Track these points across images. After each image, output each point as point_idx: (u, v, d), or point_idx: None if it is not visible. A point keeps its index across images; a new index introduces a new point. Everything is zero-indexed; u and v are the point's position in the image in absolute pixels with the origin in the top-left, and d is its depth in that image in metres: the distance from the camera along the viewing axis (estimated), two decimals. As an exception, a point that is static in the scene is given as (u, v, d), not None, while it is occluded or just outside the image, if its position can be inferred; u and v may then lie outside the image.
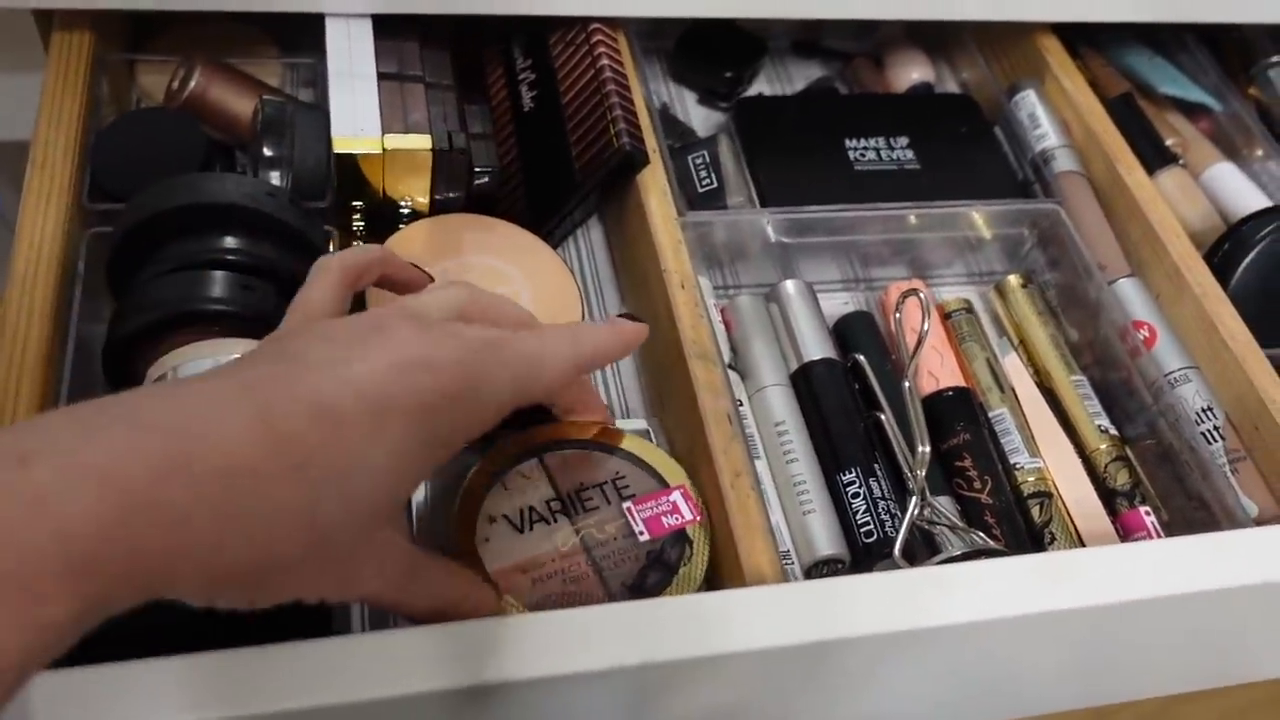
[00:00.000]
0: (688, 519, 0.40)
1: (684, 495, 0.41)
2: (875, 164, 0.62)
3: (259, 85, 0.58)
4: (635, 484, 0.40)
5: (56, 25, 0.56)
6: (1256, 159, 0.67)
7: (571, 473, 0.41)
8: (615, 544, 0.39)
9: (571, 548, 0.39)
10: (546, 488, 0.40)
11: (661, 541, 0.39)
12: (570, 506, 0.39)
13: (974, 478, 0.51)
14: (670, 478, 0.41)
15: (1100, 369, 0.56)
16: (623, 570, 0.38)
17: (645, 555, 0.39)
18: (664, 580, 0.39)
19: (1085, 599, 0.42)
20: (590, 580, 0.38)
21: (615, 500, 0.40)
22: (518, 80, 0.60)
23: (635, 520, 0.39)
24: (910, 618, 0.40)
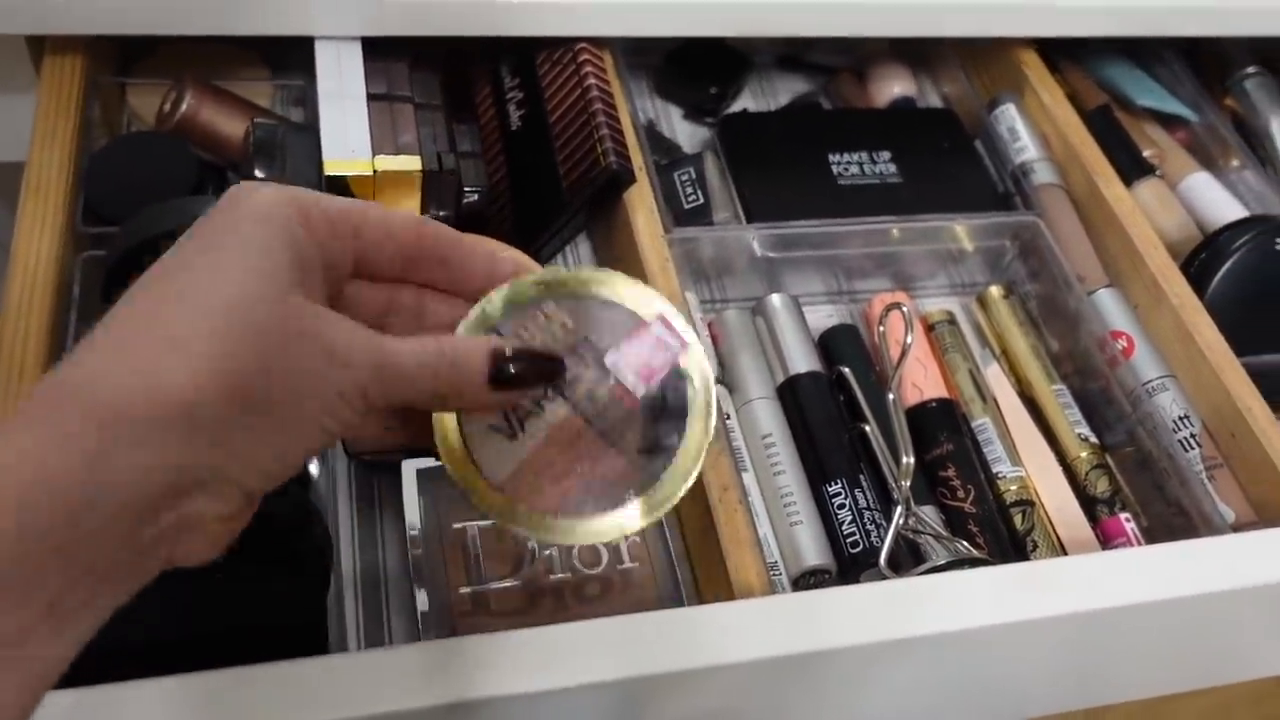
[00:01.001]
0: (676, 350, 0.34)
1: (665, 325, 0.34)
2: (858, 178, 0.62)
3: (250, 107, 0.58)
4: (610, 330, 0.34)
5: (48, 49, 0.56)
6: (1233, 169, 0.68)
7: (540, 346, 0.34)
8: (613, 409, 0.34)
9: (571, 431, 0.33)
10: None
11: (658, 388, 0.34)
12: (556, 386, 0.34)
13: (957, 487, 0.52)
14: (644, 309, 0.34)
15: (1080, 378, 0.57)
16: (632, 435, 0.33)
17: (648, 410, 0.33)
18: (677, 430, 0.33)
19: (1068, 606, 0.43)
20: (606, 461, 0.33)
21: (595, 359, 0.34)
22: (506, 100, 0.61)
23: (623, 375, 0.34)
24: (897, 627, 0.41)
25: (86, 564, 0.24)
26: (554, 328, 0.34)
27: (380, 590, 0.48)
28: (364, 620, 0.47)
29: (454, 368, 0.30)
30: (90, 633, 0.26)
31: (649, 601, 0.47)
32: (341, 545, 0.48)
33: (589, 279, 0.34)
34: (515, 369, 0.31)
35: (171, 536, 0.26)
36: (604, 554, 0.47)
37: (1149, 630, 0.47)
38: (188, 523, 0.27)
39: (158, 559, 0.27)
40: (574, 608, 0.46)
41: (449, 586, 0.46)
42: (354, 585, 0.47)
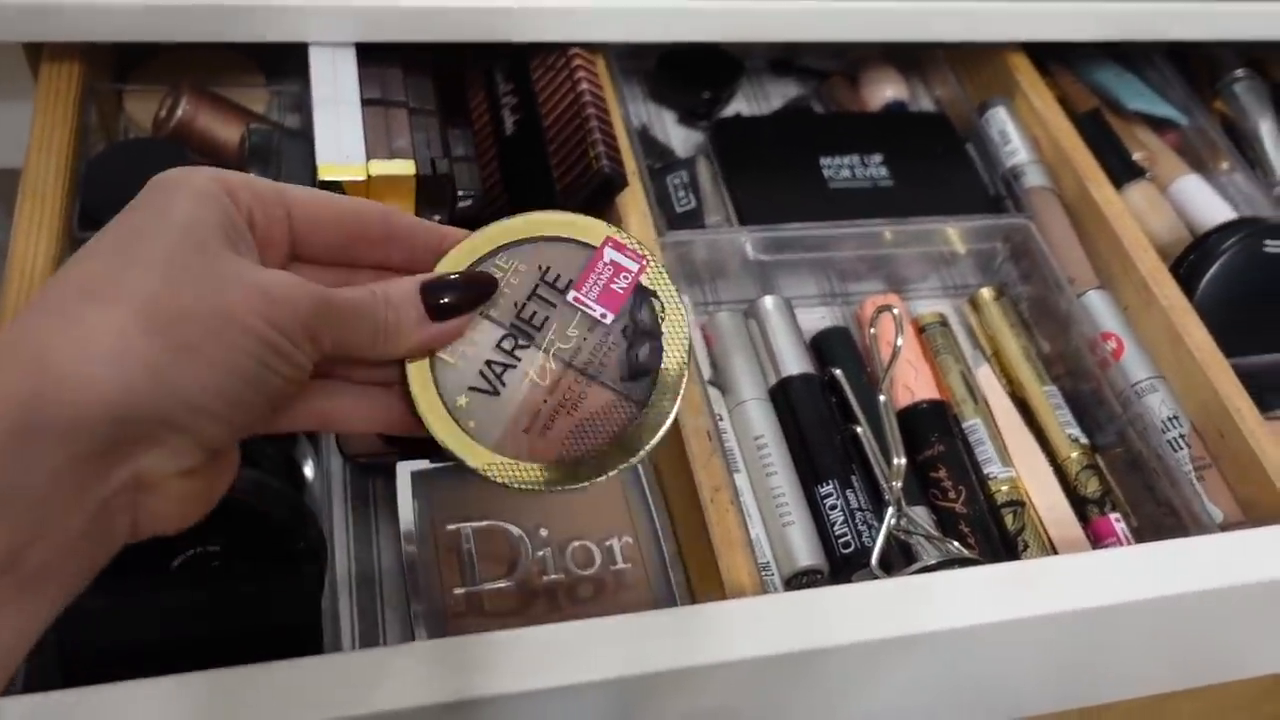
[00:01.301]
0: (635, 270, 0.34)
1: (615, 247, 0.34)
2: (850, 181, 0.63)
3: (245, 113, 0.59)
4: (564, 267, 0.34)
5: (45, 57, 0.57)
6: (1222, 171, 0.69)
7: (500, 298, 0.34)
8: (588, 343, 0.34)
9: (552, 376, 0.33)
10: (489, 329, 0.34)
11: (627, 310, 0.34)
12: (523, 334, 0.34)
13: (949, 488, 0.53)
14: (591, 237, 0.34)
15: (1071, 379, 0.58)
16: (612, 365, 0.33)
17: (621, 335, 0.34)
18: (655, 348, 0.34)
19: (1058, 605, 0.43)
20: (592, 396, 0.33)
21: (557, 298, 0.34)
22: (500, 104, 0.62)
23: (589, 306, 0.34)
24: (890, 626, 0.41)
25: (38, 522, 0.24)
26: (510, 278, 0.34)
27: (375, 591, 0.48)
28: (359, 621, 0.47)
29: (389, 305, 0.31)
30: (59, 605, 0.26)
31: (642, 602, 0.47)
32: (336, 546, 0.48)
33: (530, 222, 0.35)
34: (448, 296, 0.32)
35: (129, 498, 0.26)
36: (597, 555, 0.48)
37: (1140, 629, 0.48)
38: (144, 482, 0.26)
39: (122, 525, 0.27)
40: (567, 609, 0.46)
41: (443, 588, 0.46)
42: (349, 586, 0.48)
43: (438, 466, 0.48)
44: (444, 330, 0.32)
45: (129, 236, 0.27)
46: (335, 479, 0.51)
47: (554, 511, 0.48)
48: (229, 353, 0.27)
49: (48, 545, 0.25)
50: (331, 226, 0.32)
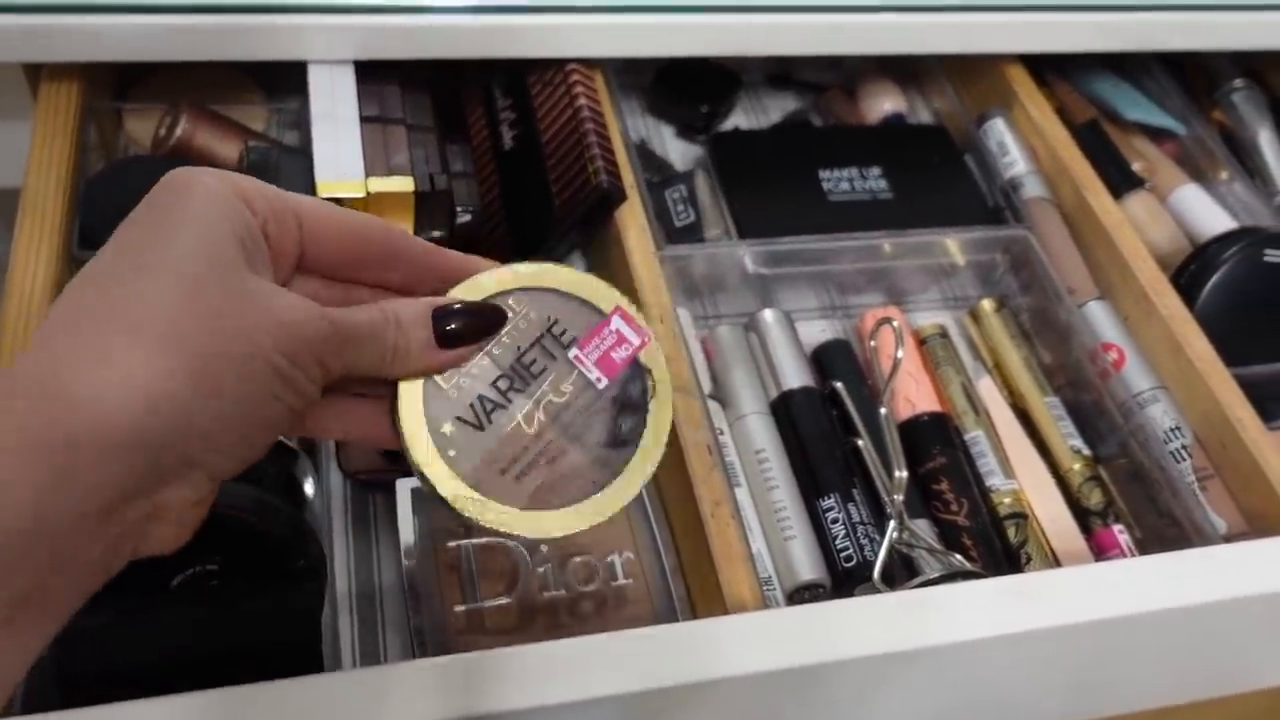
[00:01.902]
0: (636, 344, 0.35)
1: (623, 318, 0.35)
2: (849, 194, 0.63)
3: (244, 131, 0.59)
4: (572, 324, 0.35)
5: (45, 76, 0.57)
6: (1221, 181, 0.69)
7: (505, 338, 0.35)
8: (579, 403, 0.34)
9: (538, 425, 0.34)
10: (491, 368, 0.34)
11: (621, 381, 0.35)
12: (520, 378, 0.34)
13: (951, 500, 0.53)
14: (603, 303, 0.35)
15: (1072, 390, 0.58)
16: (596, 429, 0.34)
17: (610, 403, 0.34)
18: (639, 422, 0.34)
19: (1062, 618, 0.43)
20: (570, 454, 0.34)
21: (560, 352, 0.34)
22: (498, 120, 0.62)
23: (587, 368, 0.34)
24: (894, 640, 0.41)
25: (53, 563, 0.24)
26: (519, 321, 0.34)
27: (375, 608, 0.48)
28: (359, 639, 0.47)
29: (399, 328, 0.31)
30: (58, 626, 0.26)
31: (643, 618, 0.47)
32: (336, 564, 0.48)
33: (549, 274, 0.35)
34: (457, 323, 0.32)
35: (140, 528, 0.26)
36: (598, 571, 0.48)
37: (1145, 642, 0.47)
38: (156, 513, 0.27)
39: (126, 550, 0.27)
40: (568, 625, 0.46)
41: (444, 605, 0.46)
42: (349, 604, 0.48)
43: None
44: (448, 358, 0.32)
45: (147, 247, 0.27)
46: (335, 496, 0.51)
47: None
48: (247, 385, 0.27)
49: (62, 580, 0.25)
50: (337, 242, 0.31)
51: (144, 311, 0.25)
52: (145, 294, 0.26)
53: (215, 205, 0.28)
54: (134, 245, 0.27)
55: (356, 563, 0.49)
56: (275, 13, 0.56)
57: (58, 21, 0.54)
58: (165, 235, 0.27)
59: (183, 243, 0.27)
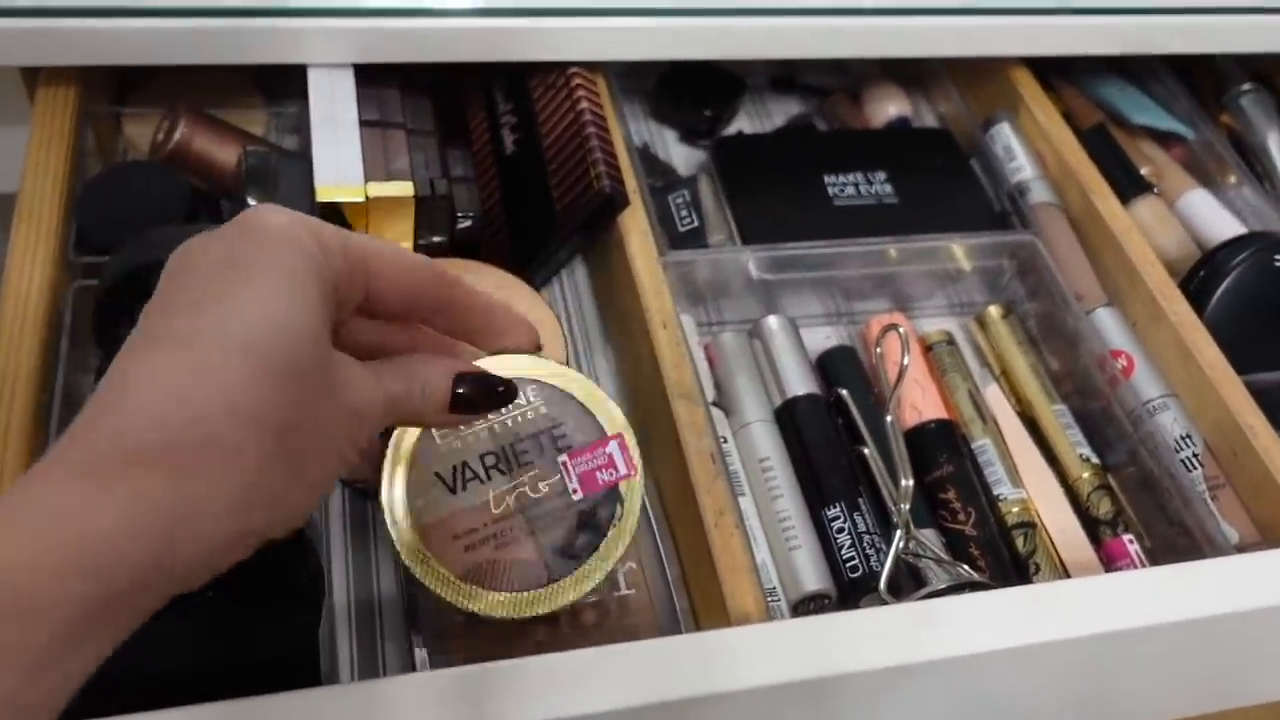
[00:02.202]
0: (622, 474, 0.37)
1: (620, 446, 0.37)
2: (854, 199, 0.62)
3: (243, 135, 0.58)
4: (573, 433, 0.37)
5: (42, 80, 0.56)
6: (1230, 186, 0.68)
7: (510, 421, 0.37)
8: (549, 504, 0.36)
9: (504, 510, 0.36)
10: (486, 441, 0.36)
11: (594, 500, 0.36)
12: (507, 461, 0.36)
13: (958, 510, 0.52)
14: (608, 424, 0.37)
15: (1080, 398, 0.57)
16: (554, 533, 0.36)
17: (576, 515, 0.36)
18: (592, 543, 0.36)
19: (1071, 630, 0.42)
20: (520, 545, 0.36)
21: (551, 453, 0.36)
22: (499, 124, 0.61)
23: (570, 476, 0.36)
24: (900, 653, 0.40)
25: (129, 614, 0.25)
26: (528, 411, 0.37)
27: (374, 620, 0.47)
28: (358, 651, 0.46)
29: (425, 394, 0.32)
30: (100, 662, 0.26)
31: (647, 629, 0.46)
32: (335, 575, 0.48)
33: (574, 382, 0.38)
34: (471, 391, 0.33)
35: None
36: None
37: (1157, 653, 0.47)
38: None
39: None
40: (570, 636, 0.45)
41: (443, 616, 0.45)
42: (348, 615, 0.47)
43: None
44: (452, 420, 0.34)
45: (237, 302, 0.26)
46: (334, 505, 0.50)
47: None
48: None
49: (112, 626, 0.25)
50: (400, 293, 0.32)
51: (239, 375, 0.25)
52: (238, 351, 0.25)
53: (298, 257, 0.27)
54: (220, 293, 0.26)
55: (355, 574, 0.48)
56: (274, 16, 0.55)
57: (55, 25, 0.53)
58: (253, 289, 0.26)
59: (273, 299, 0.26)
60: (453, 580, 0.35)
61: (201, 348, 0.25)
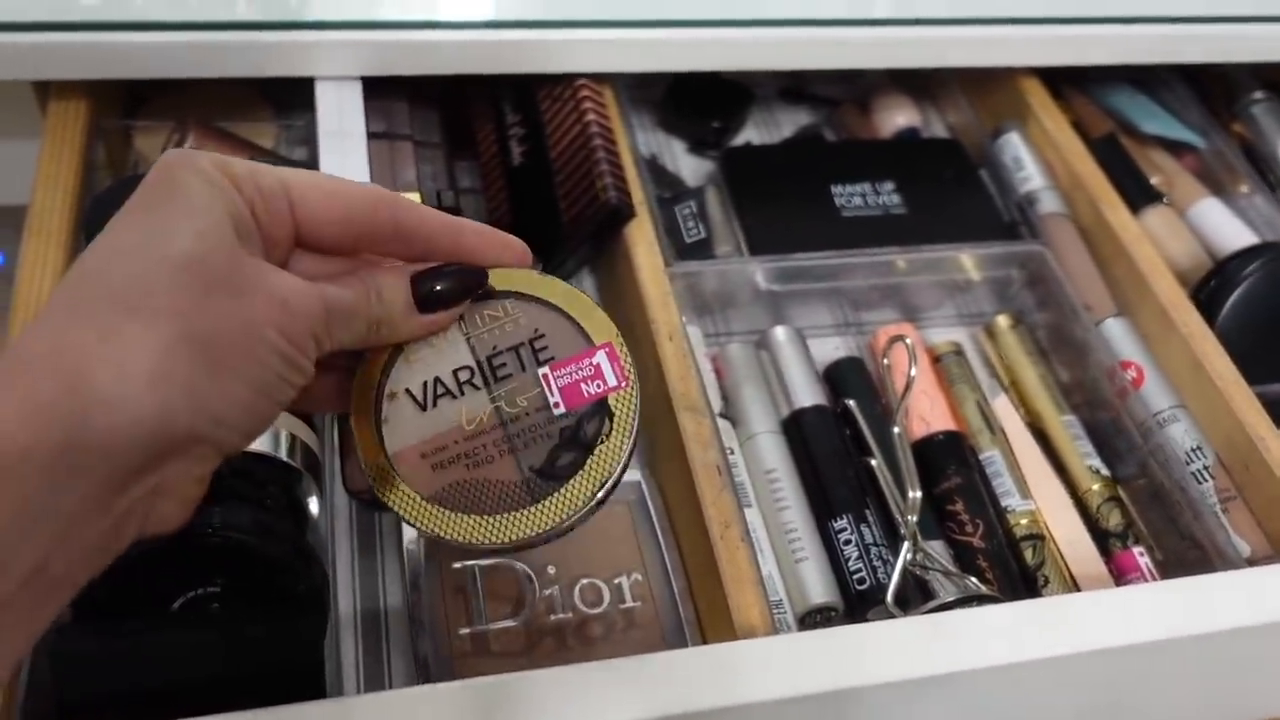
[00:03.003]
0: (611, 386, 0.33)
1: (610, 356, 0.34)
2: (862, 209, 0.62)
3: (251, 148, 0.59)
4: (556, 344, 0.34)
5: (53, 94, 0.57)
6: (1242, 195, 0.68)
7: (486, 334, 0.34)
8: (529, 419, 0.33)
9: (478, 426, 0.33)
10: (461, 353, 0.34)
11: (578, 414, 0.33)
12: (483, 375, 0.33)
13: (966, 521, 0.52)
14: (596, 335, 0.34)
15: (1090, 409, 0.56)
16: (534, 451, 0.33)
17: (559, 432, 0.33)
18: (576, 461, 0.33)
19: (1081, 644, 0.42)
20: (497, 464, 0.33)
21: (531, 365, 0.33)
22: (507, 135, 0.61)
23: (550, 389, 0.33)
24: (908, 667, 0.40)
25: (58, 540, 0.25)
26: (506, 323, 0.34)
27: (380, 632, 0.47)
28: (364, 663, 0.46)
29: (380, 300, 0.31)
30: (60, 605, 0.26)
31: (652, 641, 0.46)
32: (341, 585, 0.48)
33: (557, 291, 0.35)
34: (437, 284, 0.32)
35: (146, 503, 0.27)
36: (606, 594, 0.47)
37: (1167, 668, 0.46)
38: (162, 488, 0.27)
39: (132, 529, 0.27)
40: (576, 648, 0.45)
41: (449, 628, 0.45)
42: (354, 626, 0.47)
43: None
44: (429, 321, 0.33)
45: (143, 232, 0.27)
46: (341, 516, 0.50)
47: (562, 549, 0.47)
48: (254, 367, 0.28)
49: (67, 557, 0.25)
50: (337, 224, 0.31)
51: (141, 293, 0.26)
52: (142, 276, 0.26)
53: (207, 189, 0.28)
54: (130, 230, 0.28)
55: (361, 583, 0.48)
56: (283, 29, 0.56)
57: (66, 39, 0.54)
58: (159, 220, 0.27)
59: (177, 226, 0.27)
60: (419, 502, 0.32)
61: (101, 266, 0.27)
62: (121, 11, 0.55)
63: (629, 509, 0.50)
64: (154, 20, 0.55)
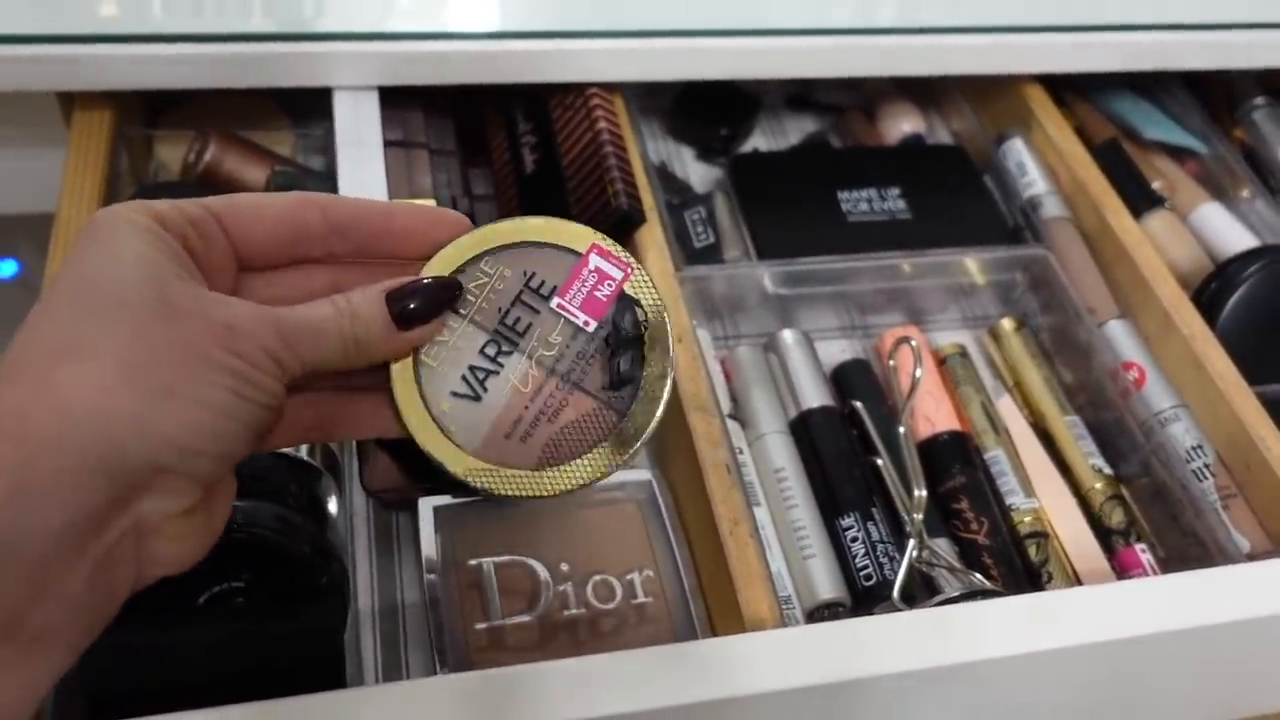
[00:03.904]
0: (619, 278, 0.34)
1: (600, 254, 0.34)
2: (868, 214, 0.63)
3: (271, 156, 0.60)
4: (550, 273, 0.34)
5: (78, 104, 0.58)
6: (1243, 199, 0.68)
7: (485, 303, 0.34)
8: (570, 350, 0.33)
9: (534, 383, 0.33)
10: (474, 334, 0.34)
11: (610, 318, 0.34)
12: (506, 340, 0.34)
13: (971, 519, 0.52)
14: (577, 243, 0.34)
15: (1093, 409, 0.57)
16: (594, 373, 0.33)
17: (605, 343, 0.33)
18: (636, 355, 0.33)
19: (1084, 636, 0.42)
20: (574, 404, 0.33)
21: (541, 304, 0.34)
22: (519, 144, 0.63)
23: (572, 314, 0.34)
24: (914, 659, 0.41)
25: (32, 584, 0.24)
26: (495, 283, 0.34)
27: (398, 626, 0.48)
28: (382, 655, 0.47)
29: (355, 319, 0.31)
30: (65, 664, 0.26)
31: (664, 636, 0.47)
32: (360, 581, 0.49)
33: (517, 227, 0.35)
34: (412, 302, 0.32)
35: (131, 546, 0.26)
36: (618, 590, 0.48)
37: (1169, 661, 0.47)
38: (145, 527, 0.26)
39: (125, 574, 0.27)
40: (589, 643, 0.46)
41: (465, 623, 0.46)
42: (372, 621, 0.48)
43: (460, 502, 0.48)
44: (413, 337, 0.32)
45: (83, 289, 0.27)
46: (359, 515, 0.51)
47: (575, 546, 0.48)
48: (204, 389, 0.27)
49: (50, 606, 0.25)
50: (269, 235, 0.31)
51: (73, 342, 0.26)
52: (72, 325, 0.26)
53: (133, 235, 0.28)
54: (68, 287, 0.27)
55: (379, 580, 0.49)
56: (302, 41, 0.57)
57: (90, 51, 0.55)
58: (100, 274, 0.27)
59: (101, 275, 0.27)
60: (529, 476, 0.32)
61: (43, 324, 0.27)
62: (144, 24, 0.57)
63: (640, 507, 0.51)
64: (176, 33, 0.56)
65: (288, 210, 0.31)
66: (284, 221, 0.31)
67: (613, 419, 0.33)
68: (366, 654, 0.47)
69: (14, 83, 0.56)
